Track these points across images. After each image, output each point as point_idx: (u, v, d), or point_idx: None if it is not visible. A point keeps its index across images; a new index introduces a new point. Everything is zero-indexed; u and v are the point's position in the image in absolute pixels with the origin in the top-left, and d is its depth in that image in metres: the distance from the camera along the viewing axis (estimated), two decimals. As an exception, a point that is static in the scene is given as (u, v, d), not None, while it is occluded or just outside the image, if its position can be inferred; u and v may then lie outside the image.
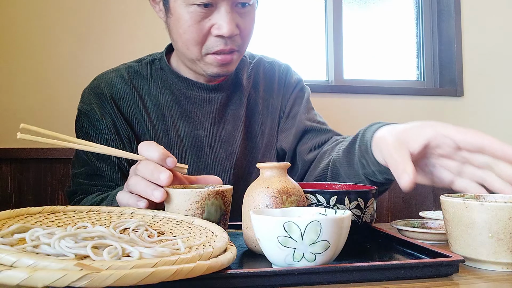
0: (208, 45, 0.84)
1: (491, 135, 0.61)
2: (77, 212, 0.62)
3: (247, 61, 1.04)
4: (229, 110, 0.97)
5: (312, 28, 2.06)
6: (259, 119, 1.00)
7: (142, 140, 0.90)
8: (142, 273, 0.38)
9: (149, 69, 0.95)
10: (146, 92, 0.93)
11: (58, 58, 1.60)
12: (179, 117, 0.93)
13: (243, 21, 0.85)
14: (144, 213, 0.65)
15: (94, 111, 0.90)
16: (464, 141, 0.62)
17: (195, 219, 0.62)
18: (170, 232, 0.59)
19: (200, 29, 0.82)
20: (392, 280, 0.49)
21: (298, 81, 1.06)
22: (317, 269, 0.48)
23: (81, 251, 0.44)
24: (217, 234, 0.55)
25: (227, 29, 0.81)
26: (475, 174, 0.65)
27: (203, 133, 0.94)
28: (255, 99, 1.01)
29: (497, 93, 2.09)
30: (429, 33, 2.14)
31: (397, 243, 0.64)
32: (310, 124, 0.99)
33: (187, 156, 0.92)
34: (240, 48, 0.88)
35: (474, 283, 0.49)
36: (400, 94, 2.00)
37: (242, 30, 0.85)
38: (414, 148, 0.64)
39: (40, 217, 0.57)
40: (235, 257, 0.50)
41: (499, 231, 0.52)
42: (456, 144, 0.63)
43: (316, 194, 0.62)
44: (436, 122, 0.67)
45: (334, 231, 0.48)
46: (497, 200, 0.63)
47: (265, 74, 1.04)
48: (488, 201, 0.58)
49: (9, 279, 0.35)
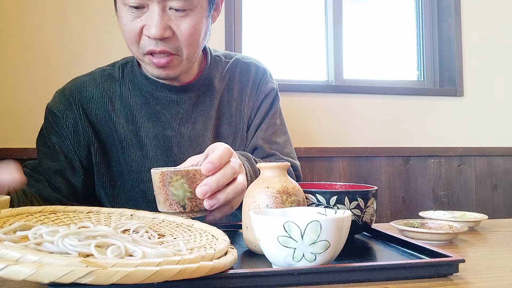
0: (142, 44, 0.86)
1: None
2: (77, 212, 0.62)
3: (223, 60, 1.04)
4: (199, 110, 0.98)
5: (312, 28, 2.05)
6: (231, 120, 1.01)
7: (107, 142, 0.95)
8: (147, 272, 0.38)
9: (121, 72, 0.99)
10: (117, 95, 0.97)
11: (59, 58, 1.60)
12: (148, 118, 0.96)
13: (179, 25, 0.84)
14: (144, 215, 0.65)
15: (59, 110, 0.95)
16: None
17: (195, 222, 0.63)
18: (171, 234, 0.59)
19: (133, 28, 0.84)
20: (392, 280, 0.49)
21: (270, 89, 1.05)
22: (317, 269, 0.48)
23: (85, 249, 0.44)
24: (217, 237, 0.55)
25: (153, 30, 0.82)
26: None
27: (171, 133, 0.96)
28: (229, 100, 1.01)
29: (497, 93, 2.09)
30: (429, 33, 2.14)
31: (397, 243, 0.64)
32: (261, 144, 1.00)
33: (157, 155, 0.95)
34: (179, 51, 0.87)
35: (474, 283, 0.49)
36: (400, 94, 2.00)
37: (178, 34, 0.84)
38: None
39: (40, 216, 0.57)
40: (237, 259, 0.51)
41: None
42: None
43: (316, 194, 0.62)
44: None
45: (334, 231, 0.48)
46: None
47: (241, 75, 1.04)
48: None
49: (15, 274, 0.35)
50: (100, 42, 1.63)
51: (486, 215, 0.89)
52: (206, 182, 0.65)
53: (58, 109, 0.95)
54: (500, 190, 2.05)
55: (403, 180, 1.95)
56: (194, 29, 0.85)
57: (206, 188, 0.64)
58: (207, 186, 0.64)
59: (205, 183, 0.65)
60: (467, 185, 2.02)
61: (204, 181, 0.65)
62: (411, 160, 1.96)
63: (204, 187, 0.64)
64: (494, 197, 2.05)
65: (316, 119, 1.89)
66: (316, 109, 1.89)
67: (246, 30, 1.93)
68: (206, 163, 0.65)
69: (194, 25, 0.85)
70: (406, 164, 1.95)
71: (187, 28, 0.84)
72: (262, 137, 1.01)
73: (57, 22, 1.61)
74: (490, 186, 2.04)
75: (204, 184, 0.65)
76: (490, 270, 0.55)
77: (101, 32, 1.64)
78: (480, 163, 2.04)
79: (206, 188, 0.64)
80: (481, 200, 2.03)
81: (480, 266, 0.57)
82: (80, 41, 1.62)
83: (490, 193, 2.04)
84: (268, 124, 1.03)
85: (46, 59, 1.59)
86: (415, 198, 1.96)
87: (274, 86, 1.06)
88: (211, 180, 0.65)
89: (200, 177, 0.65)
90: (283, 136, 1.05)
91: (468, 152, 2.02)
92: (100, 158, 0.95)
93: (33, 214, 0.57)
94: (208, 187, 0.64)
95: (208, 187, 0.64)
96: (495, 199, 2.05)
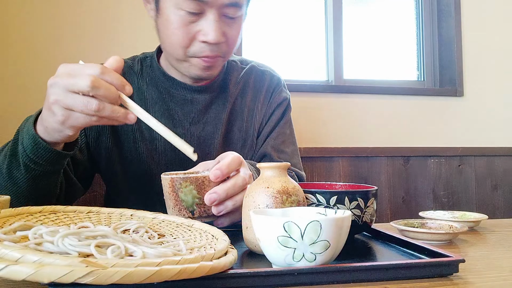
0: (193, 49, 0.87)
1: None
2: (77, 212, 0.62)
3: (238, 66, 1.06)
4: (211, 113, 0.99)
5: (312, 28, 2.05)
6: (242, 125, 1.02)
7: (121, 130, 0.95)
8: (147, 272, 0.38)
9: (140, 65, 1.01)
10: (134, 87, 0.97)
11: (59, 58, 1.60)
12: (161, 113, 0.97)
13: (229, 30, 0.87)
14: (143, 215, 0.66)
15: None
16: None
17: (195, 222, 0.63)
18: (171, 234, 0.59)
19: (187, 33, 0.85)
20: (392, 280, 0.49)
21: (283, 99, 1.07)
22: (317, 269, 0.48)
23: (85, 249, 0.44)
24: (217, 237, 0.55)
25: (213, 36, 0.83)
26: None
27: (181, 131, 0.97)
28: (241, 105, 1.02)
29: (497, 93, 2.09)
30: (429, 33, 2.14)
31: (397, 243, 0.64)
32: (270, 152, 1.02)
33: (166, 151, 0.96)
34: (225, 54, 0.90)
35: (474, 283, 0.49)
36: (400, 94, 2.00)
37: (228, 39, 0.88)
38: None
39: (40, 216, 0.58)
40: (237, 259, 0.51)
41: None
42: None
43: (316, 194, 0.62)
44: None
45: (334, 231, 0.48)
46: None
47: (255, 82, 1.05)
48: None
49: (15, 274, 0.35)
50: (100, 42, 1.63)
51: (486, 215, 0.89)
52: (216, 190, 0.65)
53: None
54: (500, 190, 2.05)
55: (403, 180, 1.95)
56: (238, 33, 0.91)
57: (215, 196, 0.65)
58: (216, 194, 0.65)
59: (214, 191, 0.65)
60: (467, 185, 2.02)
61: (214, 189, 0.66)
62: (411, 160, 1.96)
63: (213, 195, 0.65)
64: (494, 197, 2.05)
65: (316, 119, 1.89)
66: (316, 109, 1.89)
67: (246, 30, 1.93)
68: (214, 170, 0.66)
69: (239, 29, 0.90)
70: (406, 164, 1.95)
71: (235, 34, 0.89)
72: (272, 145, 1.02)
73: (59, 21, 1.61)
74: (490, 186, 2.04)
75: (214, 192, 0.65)
76: (490, 270, 0.55)
77: (104, 32, 1.64)
78: (480, 163, 2.03)
79: (214, 196, 0.65)
80: (481, 200, 2.03)
81: (480, 266, 0.57)
82: (82, 40, 1.62)
83: (490, 193, 2.04)
84: (278, 133, 1.04)
85: (47, 58, 1.59)
86: (415, 198, 1.96)
87: (287, 96, 1.09)
88: (220, 189, 0.65)
89: (209, 184, 0.66)
90: (292, 146, 1.06)
91: (468, 152, 2.01)
92: (112, 144, 0.95)
93: (33, 214, 0.57)
94: (217, 195, 0.65)
95: (217, 195, 0.65)
96: (495, 199, 2.05)
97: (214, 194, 0.65)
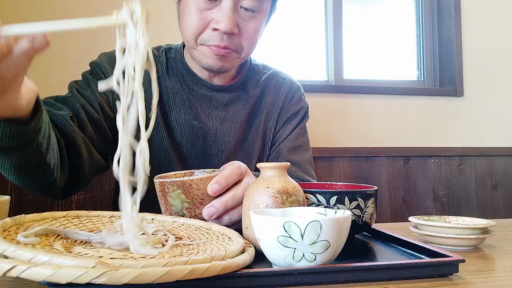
0: (204, 37, 0.87)
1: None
2: (100, 217, 0.64)
3: (260, 70, 1.07)
4: (230, 111, 1.00)
5: (312, 28, 2.05)
6: (259, 127, 1.02)
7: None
8: (159, 271, 0.39)
9: (164, 55, 1.01)
10: (158, 76, 0.97)
11: (59, 58, 1.60)
12: (182, 104, 0.97)
13: (245, 24, 0.87)
14: (164, 219, 0.66)
15: (104, 66, 0.93)
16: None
17: (213, 225, 0.63)
18: (188, 237, 0.60)
19: (201, 19, 0.85)
20: (392, 280, 0.49)
21: (301, 107, 1.08)
22: (317, 269, 0.48)
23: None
24: (233, 240, 0.56)
25: (224, 24, 0.83)
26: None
27: (198, 124, 0.97)
28: (261, 107, 1.03)
29: (497, 93, 2.09)
30: (429, 33, 2.14)
31: (397, 243, 0.64)
32: (283, 157, 1.02)
33: (183, 141, 0.96)
34: (240, 50, 0.90)
35: (474, 283, 0.49)
36: (400, 94, 2.00)
37: (243, 33, 0.87)
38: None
39: (64, 221, 0.59)
40: (253, 259, 0.51)
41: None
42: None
43: (316, 194, 0.62)
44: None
45: (334, 231, 0.48)
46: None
47: (276, 87, 1.06)
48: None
49: (36, 275, 0.37)
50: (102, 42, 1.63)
51: (489, 220, 0.84)
52: (214, 204, 0.64)
53: (103, 65, 0.94)
54: (500, 190, 2.05)
55: (403, 180, 1.95)
56: (257, 31, 0.90)
57: (213, 210, 0.64)
58: (214, 208, 0.64)
59: (212, 205, 0.64)
60: (467, 185, 2.02)
61: (212, 203, 0.64)
62: (411, 160, 1.96)
63: (211, 209, 0.64)
64: (494, 197, 2.05)
65: (316, 119, 1.88)
66: (316, 109, 1.89)
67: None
68: (212, 184, 0.64)
69: (258, 27, 0.89)
70: (406, 164, 1.95)
71: (252, 28, 0.88)
72: (286, 151, 1.03)
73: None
74: (490, 186, 2.04)
75: (211, 205, 0.64)
76: (490, 270, 0.55)
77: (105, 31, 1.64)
78: (480, 163, 2.03)
79: (212, 210, 0.63)
80: (481, 200, 2.03)
81: (480, 266, 0.57)
82: (83, 40, 1.62)
83: (490, 193, 2.04)
84: (293, 139, 1.04)
85: (47, 58, 1.59)
86: (415, 198, 1.96)
87: (305, 105, 1.09)
88: (219, 202, 0.64)
89: (198, 187, 0.65)
90: (305, 153, 1.06)
91: (468, 152, 2.01)
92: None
93: (57, 218, 0.59)
94: (215, 209, 0.63)
95: (215, 209, 0.64)
96: (495, 199, 2.05)
97: (212, 208, 0.63)
